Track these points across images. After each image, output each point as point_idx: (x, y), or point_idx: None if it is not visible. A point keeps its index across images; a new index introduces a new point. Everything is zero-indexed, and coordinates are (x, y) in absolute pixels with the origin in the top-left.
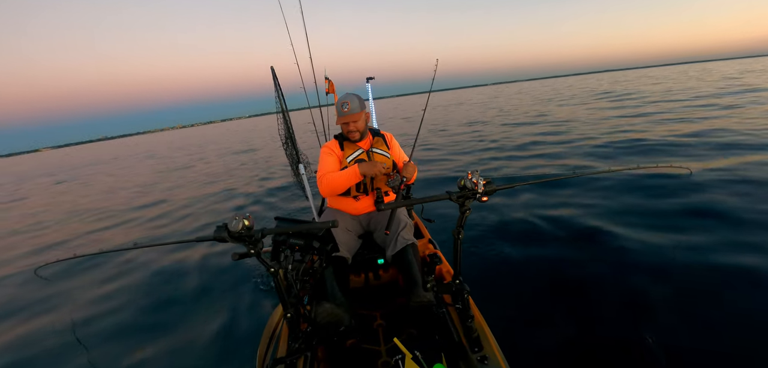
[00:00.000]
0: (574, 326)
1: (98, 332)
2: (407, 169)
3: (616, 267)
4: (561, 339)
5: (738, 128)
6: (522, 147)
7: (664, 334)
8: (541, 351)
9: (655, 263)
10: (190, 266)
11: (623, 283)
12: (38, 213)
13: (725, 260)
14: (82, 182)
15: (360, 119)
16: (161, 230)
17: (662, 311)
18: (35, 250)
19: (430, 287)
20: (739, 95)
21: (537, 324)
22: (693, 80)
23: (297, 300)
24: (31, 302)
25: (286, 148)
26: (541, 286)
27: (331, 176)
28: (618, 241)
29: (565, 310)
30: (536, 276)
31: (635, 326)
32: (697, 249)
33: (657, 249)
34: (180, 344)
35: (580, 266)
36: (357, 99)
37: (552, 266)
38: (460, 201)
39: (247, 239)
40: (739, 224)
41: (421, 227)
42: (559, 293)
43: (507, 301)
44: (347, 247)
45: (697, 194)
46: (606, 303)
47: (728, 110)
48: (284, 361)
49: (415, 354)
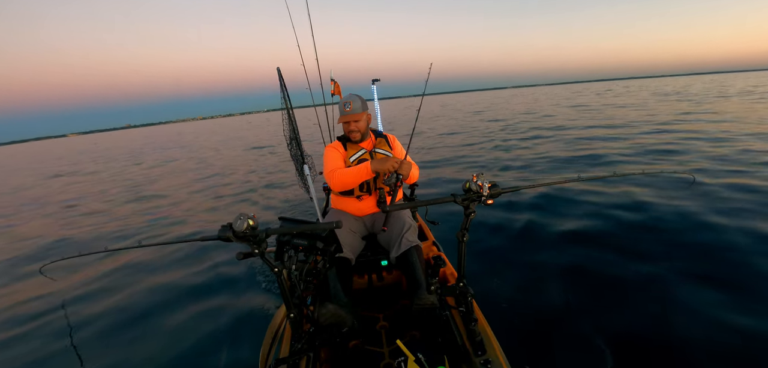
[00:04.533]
0: (579, 330)
1: (100, 331)
2: (403, 166)
3: (625, 272)
4: (566, 344)
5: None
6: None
7: (678, 338)
8: (545, 356)
9: (669, 267)
10: (195, 266)
11: (632, 287)
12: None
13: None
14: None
15: (361, 120)
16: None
17: (679, 315)
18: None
19: (433, 289)
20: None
21: (541, 328)
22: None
23: (300, 301)
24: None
25: (291, 148)
26: (547, 290)
27: (341, 172)
28: (628, 245)
29: (571, 314)
30: (541, 280)
31: (649, 330)
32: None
33: (673, 252)
34: (183, 343)
35: (586, 272)
36: (360, 100)
37: (558, 271)
38: (464, 204)
39: (251, 239)
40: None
41: (426, 230)
42: (565, 297)
43: (510, 305)
44: (351, 248)
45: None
46: (613, 308)
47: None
48: (287, 362)
49: (418, 356)
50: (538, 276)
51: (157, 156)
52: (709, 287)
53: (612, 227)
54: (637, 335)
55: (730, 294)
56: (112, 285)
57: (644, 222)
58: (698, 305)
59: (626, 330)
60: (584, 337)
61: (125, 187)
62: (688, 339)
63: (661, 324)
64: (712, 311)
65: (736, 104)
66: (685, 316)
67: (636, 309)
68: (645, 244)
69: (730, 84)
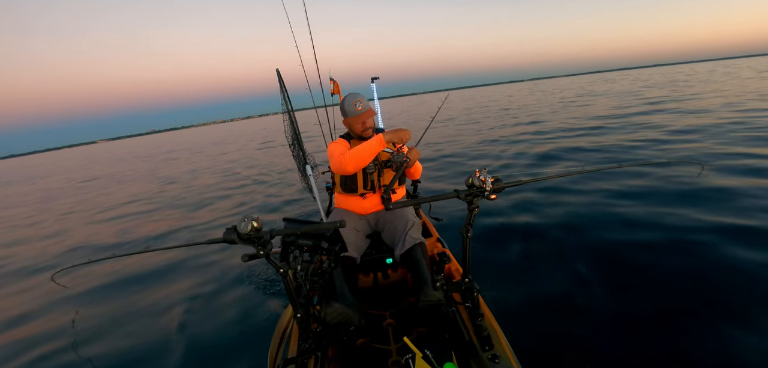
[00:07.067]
0: (585, 325)
1: (105, 333)
2: (412, 152)
3: (630, 265)
4: (572, 339)
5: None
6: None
7: (683, 339)
8: (552, 350)
9: (683, 262)
10: (201, 269)
11: (638, 282)
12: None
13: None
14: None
15: (371, 117)
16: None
17: (684, 315)
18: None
19: (439, 286)
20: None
21: (549, 322)
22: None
23: (307, 301)
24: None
25: (293, 149)
26: (553, 284)
27: (353, 151)
28: (635, 238)
29: (577, 308)
30: (547, 275)
31: (652, 330)
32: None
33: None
34: (192, 345)
35: (593, 265)
36: (365, 98)
37: (564, 264)
38: (468, 199)
39: (256, 241)
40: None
41: (430, 226)
42: (570, 291)
43: (517, 300)
44: (356, 247)
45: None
46: (618, 303)
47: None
48: (295, 361)
49: (426, 353)
50: (546, 270)
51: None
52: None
53: (622, 220)
54: (645, 329)
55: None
56: (118, 289)
57: (653, 214)
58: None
59: (633, 325)
60: (595, 334)
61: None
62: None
63: (670, 317)
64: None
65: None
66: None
67: (644, 304)
68: (657, 237)
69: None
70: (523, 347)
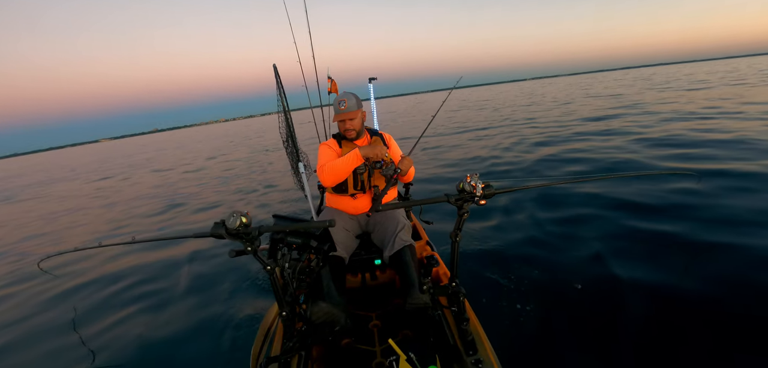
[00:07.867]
0: (569, 332)
1: (92, 326)
2: (403, 162)
3: (617, 274)
4: (556, 345)
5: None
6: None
7: (670, 348)
8: (535, 356)
9: (661, 279)
10: (187, 262)
11: (623, 292)
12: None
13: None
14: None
15: (356, 118)
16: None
17: (673, 325)
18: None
19: (426, 289)
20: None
21: (532, 328)
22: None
23: (293, 299)
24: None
25: (287, 146)
26: (539, 292)
27: (331, 163)
28: (620, 248)
29: (562, 316)
30: (533, 281)
31: (638, 337)
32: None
33: (665, 261)
34: (174, 340)
35: (579, 272)
36: (354, 98)
37: (550, 272)
38: (458, 204)
39: (244, 237)
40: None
41: (420, 229)
42: (556, 299)
43: (503, 305)
44: (345, 247)
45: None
46: (604, 312)
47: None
48: (278, 360)
49: (410, 355)
50: (532, 276)
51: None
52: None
53: (610, 228)
54: (639, 342)
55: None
56: (103, 279)
57: (642, 223)
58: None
59: (619, 331)
60: (580, 341)
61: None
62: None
63: (655, 326)
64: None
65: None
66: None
67: (629, 310)
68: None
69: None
70: (507, 352)
